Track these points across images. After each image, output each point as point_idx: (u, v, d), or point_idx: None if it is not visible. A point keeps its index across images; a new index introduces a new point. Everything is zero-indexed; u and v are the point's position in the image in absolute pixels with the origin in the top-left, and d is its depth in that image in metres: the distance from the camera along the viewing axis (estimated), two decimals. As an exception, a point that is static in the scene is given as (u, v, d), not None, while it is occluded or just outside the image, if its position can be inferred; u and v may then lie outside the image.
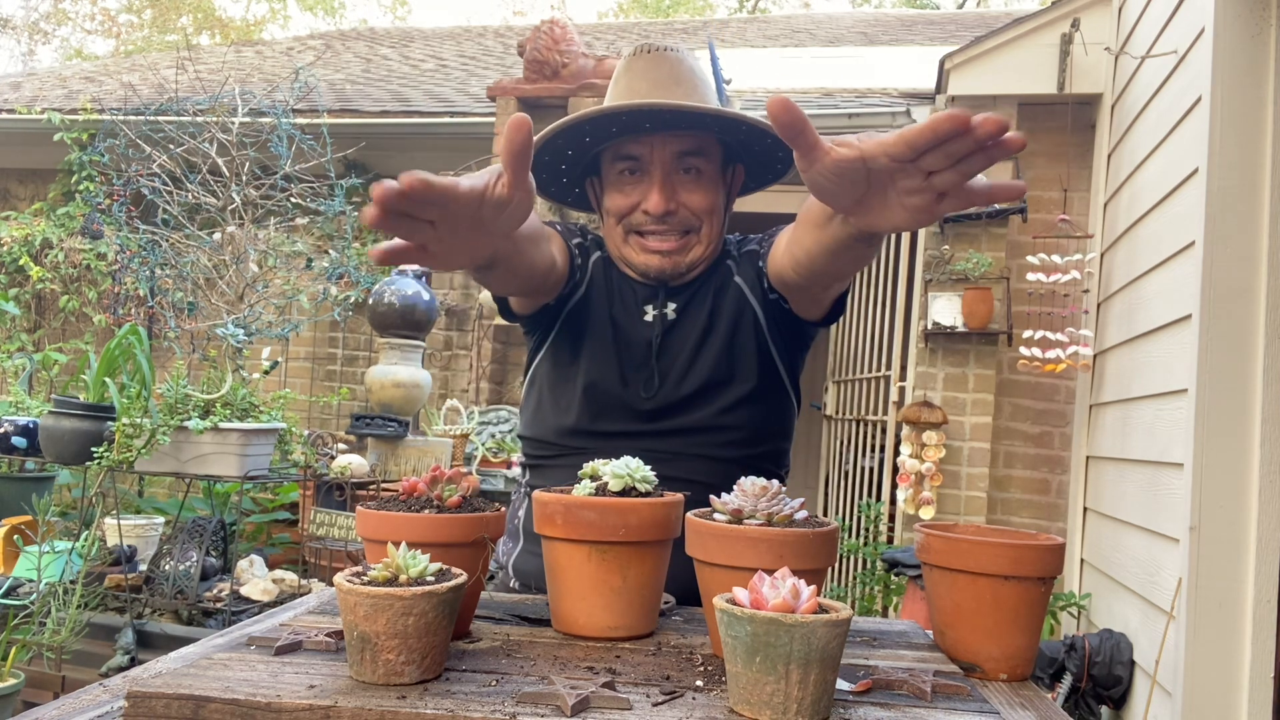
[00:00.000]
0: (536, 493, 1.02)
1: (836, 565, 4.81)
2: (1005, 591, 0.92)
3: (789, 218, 1.26)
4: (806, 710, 0.73)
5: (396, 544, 0.94)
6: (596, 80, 4.90)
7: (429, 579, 0.83)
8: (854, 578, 4.67)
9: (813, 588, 0.78)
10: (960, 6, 16.74)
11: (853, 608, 4.52)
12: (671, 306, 1.43)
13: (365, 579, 0.82)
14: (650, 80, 1.36)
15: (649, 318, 1.42)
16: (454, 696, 0.77)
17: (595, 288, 1.44)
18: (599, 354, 1.40)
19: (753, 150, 1.44)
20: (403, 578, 0.82)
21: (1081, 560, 4.04)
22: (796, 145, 0.79)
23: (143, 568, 3.30)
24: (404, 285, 4.35)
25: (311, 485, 3.67)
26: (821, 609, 0.76)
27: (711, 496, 0.97)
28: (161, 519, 3.70)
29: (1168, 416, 2.90)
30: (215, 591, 3.17)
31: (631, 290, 1.44)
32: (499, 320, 5.11)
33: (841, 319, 5.26)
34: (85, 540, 3.21)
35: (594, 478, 1.02)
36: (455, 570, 0.86)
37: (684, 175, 1.37)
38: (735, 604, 0.75)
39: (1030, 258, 4.03)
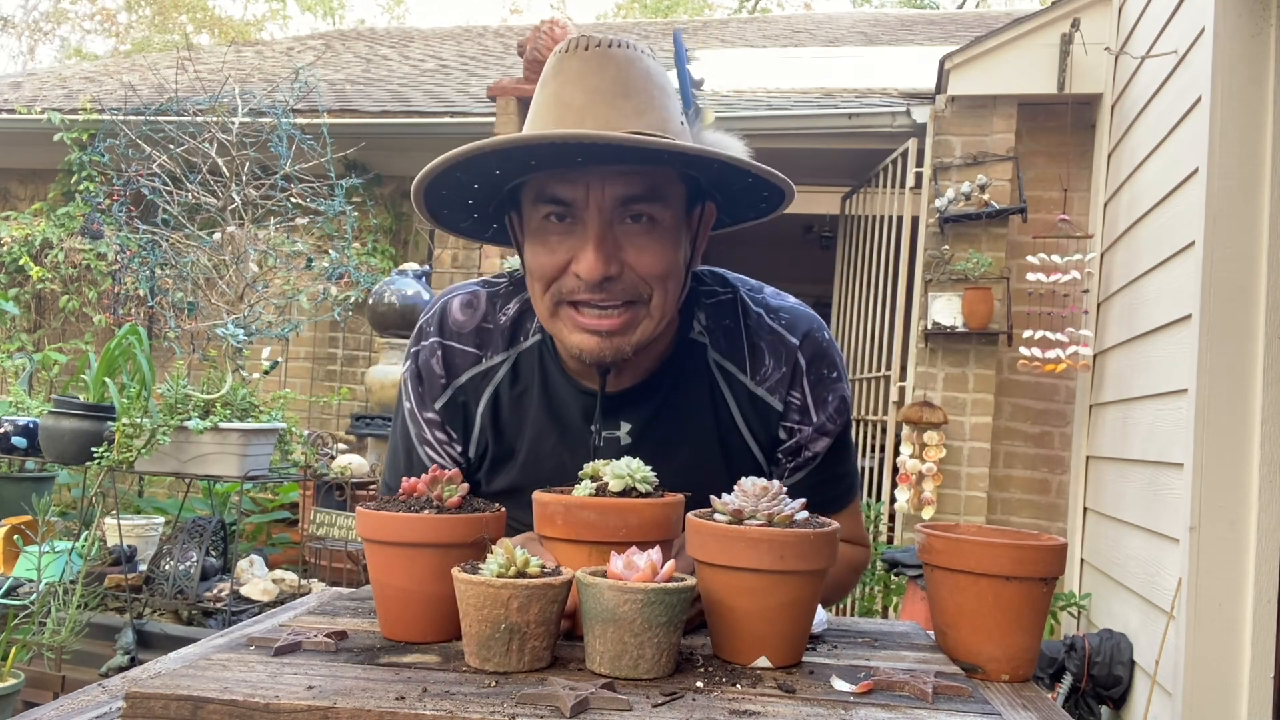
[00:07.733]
0: (536, 493, 1.02)
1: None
2: (1007, 592, 0.92)
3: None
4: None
5: (397, 544, 0.94)
6: (596, 80, 4.89)
7: (546, 570, 0.87)
8: (854, 578, 4.67)
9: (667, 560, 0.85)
10: (960, 6, 16.74)
11: (853, 608, 4.53)
12: (626, 429, 1.16)
13: (491, 574, 0.85)
14: (588, 89, 1.01)
15: (599, 441, 1.16)
16: (453, 697, 0.77)
17: (485, 437, 1.21)
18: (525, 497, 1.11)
19: (729, 188, 1.10)
20: (531, 569, 0.86)
21: (1081, 560, 4.04)
22: None
23: (143, 568, 3.29)
24: (404, 285, 4.35)
25: (311, 485, 3.66)
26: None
27: (712, 497, 0.96)
28: (161, 519, 3.70)
29: (1168, 416, 2.90)
30: (215, 591, 3.17)
31: (572, 398, 1.17)
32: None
33: (841, 319, 5.28)
34: (85, 540, 3.20)
35: (594, 478, 1.01)
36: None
37: (631, 225, 1.03)
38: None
39: (1030, 258, 4.02)
